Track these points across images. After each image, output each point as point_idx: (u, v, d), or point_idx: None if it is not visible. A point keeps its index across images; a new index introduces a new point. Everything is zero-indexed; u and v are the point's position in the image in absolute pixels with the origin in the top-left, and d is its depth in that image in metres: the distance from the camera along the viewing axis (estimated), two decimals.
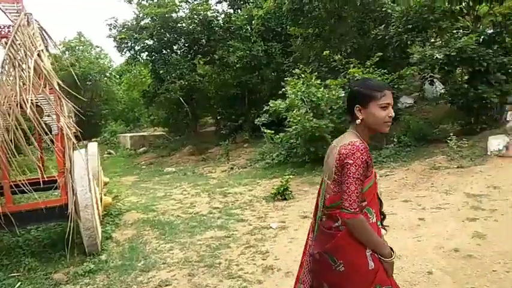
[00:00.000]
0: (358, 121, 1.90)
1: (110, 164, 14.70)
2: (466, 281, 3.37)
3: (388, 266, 1.89)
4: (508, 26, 8.05)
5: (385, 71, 8.63)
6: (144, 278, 4.17)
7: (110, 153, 17.44)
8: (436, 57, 7.36)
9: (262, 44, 14.12)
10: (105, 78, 23.31)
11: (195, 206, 6.98)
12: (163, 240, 5.29)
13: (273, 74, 14.47)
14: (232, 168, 11.12)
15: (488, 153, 7.03)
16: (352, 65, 9.02)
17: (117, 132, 21.21)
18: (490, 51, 7.81)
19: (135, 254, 4.82)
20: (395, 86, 8.47)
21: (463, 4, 8.38)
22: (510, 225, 4.29)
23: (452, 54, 7.27)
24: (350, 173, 1.77)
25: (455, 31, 8.29)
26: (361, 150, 1.80)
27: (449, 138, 7.34)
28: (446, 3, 7.97)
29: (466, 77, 8.50)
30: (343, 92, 8.83)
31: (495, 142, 7.02)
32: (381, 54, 8.79)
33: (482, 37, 7.95)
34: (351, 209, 1.77)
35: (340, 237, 1.84)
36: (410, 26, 8.22)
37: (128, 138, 18.35)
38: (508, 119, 8.11)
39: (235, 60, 13.77)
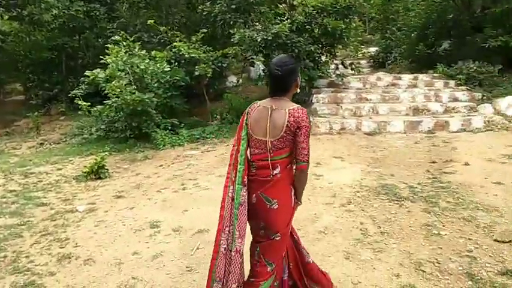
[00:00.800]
0: (298, 90, 2.36)
1: None
2: None
3: (297, 206, 2.42)
4: (316, 17, 9.01)
5: (210, 48, 8.68)
6: None
7: None
8: (256, 40, 7.75)
9: (82, 4, 12.52)
10: None
11: None
12: None
13: (99, 40, 13.05)
14: (42, 144, 9.68)
15: None
16: (178, 39, 8.77)
17: None
18: (301, 39, 8.66)
19: None
20: (219, 64, 8.64)
21: None
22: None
23: (269, 38, 7.77)
24: (307, 134, 2.18)
25: (274, 17, 8.86)
26: (307, 114, 2.25)
27: None
28: None
29: None
30: (169, 66, 8.56)
31: None
32: (206, 30, 8.81)
33: (295, 25, 8.71)
34: (308, 161, 2.22)
35: (277, 181, 2.24)
36: (234, 7, 8.41)
37: None
38: (313, 102, 9.23)
39: (50, 19, 11.89)
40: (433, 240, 3.58)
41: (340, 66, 10.19)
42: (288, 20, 8.63)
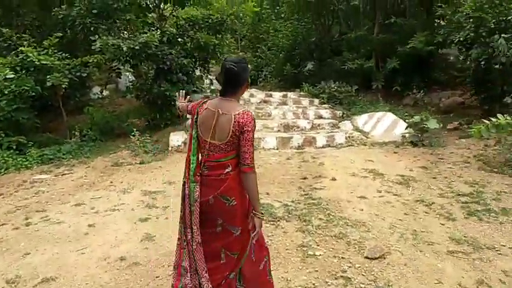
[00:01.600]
0: (246, 93, 2.97)
1: None
2: None
3: (258, 221, 2.34)
4: (188, 30, 8.70)
5: (67, 54, 7.61)
6: None
7: None
8: (122, 49, 7.04)
9: None
10: None
11: None
12: None
13: None
14: None
15: (170, 148, 7.33)
16: (26, 43, 7.49)
17: None
18: (173, 51, 8.24)
19: None
20: (79, 74, 7.63)
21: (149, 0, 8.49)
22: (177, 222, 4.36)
23: (137, 48, 7.14)
24: (249, 138, 2.24)
25: (142, 25, 8.25)
26: (254, 119, 2.29)
27: (133, 133, 7.21)
28: None
29: (153, 73, 8.66)
30: (13, 73, 7.21)
31: (175, 138, 7.40)
32: (61, 35, 7.72)
33: (166, 37, 8.25)
34: (252, 164, 2.26)
35: (231, 179, 2.29)
36: (95, 11, 7.52)
37: None
38: (187, 117, 8.85)
39: None
40: (309, 262, 3.48)
41: (215, 81, 10.04)
42: (159, 31, 8.14)
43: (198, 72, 9.65)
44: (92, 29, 7.48)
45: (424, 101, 10.58)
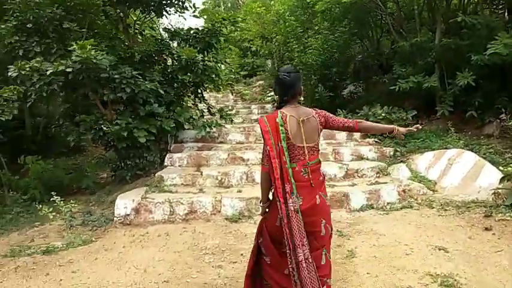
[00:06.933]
0: (302, 98, 2.53)
1: None
2: None
3: None
4: (170, 46, 6.33)
5: None
6: None
7: None
8: (44, 73, 4.77)
9: None
10: None
11: None
12: None
13: None
14: None
15: (114, 219, 4.80)
16: None
17: None
18: (145, 74, 5.90)
19: None
20: None
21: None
22: None
23: (69, 70, 4.78)
24: (335, 117, 2.60)
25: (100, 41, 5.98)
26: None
27: (53, 197, 4.79)
28: None
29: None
30: None
31: (122, 203, 4.84)
32: None
33: (137, 56, 5.94)
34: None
35: (324, 177, 2.56)
36: (30, 25, 5.27)
37: None
38: (166, 164, 6.34)
39: None
40: None
41: (213, 114, 7.50)
42: (123, 46, 5.87)
43: (189, 103, 7.20)
44: (20, 52, 5.27)
45: None
